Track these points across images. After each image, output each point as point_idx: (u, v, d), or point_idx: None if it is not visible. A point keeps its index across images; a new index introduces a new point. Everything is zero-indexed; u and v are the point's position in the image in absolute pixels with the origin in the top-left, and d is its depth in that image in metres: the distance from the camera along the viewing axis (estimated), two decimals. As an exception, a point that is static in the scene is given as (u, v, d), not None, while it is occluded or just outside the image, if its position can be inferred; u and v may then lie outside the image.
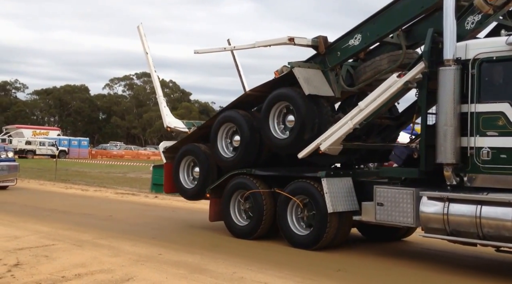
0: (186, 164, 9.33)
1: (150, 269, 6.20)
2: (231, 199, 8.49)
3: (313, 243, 7.46)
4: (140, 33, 10.50)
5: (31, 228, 8.96)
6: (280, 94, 7.89)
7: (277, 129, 7.96)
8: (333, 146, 7.37)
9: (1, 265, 6.22)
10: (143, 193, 16.62)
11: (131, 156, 56.30)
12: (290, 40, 7.82)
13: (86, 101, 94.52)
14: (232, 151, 8.64)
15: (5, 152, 16.05)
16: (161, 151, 9.85)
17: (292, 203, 7.74)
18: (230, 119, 8.59)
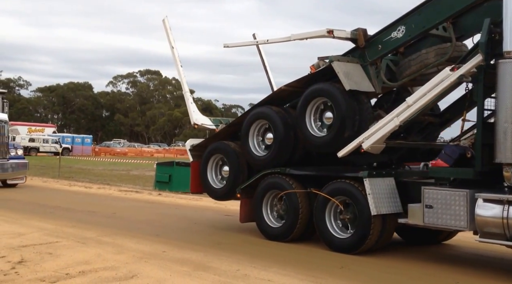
0: (214, 162, 9.00)
1: (154, 266, 6.20)
2: (263, 200, 8.16)
3: (355, 247, 7.08)
4: (165, 27, 10.15)
5: (35, 225, 8.98)
6: (318, 89, 7.52)
7: (314, 126, 7.60)
8: (376, 144, 7.00)
9: (5, 262, 6.24)
10: (146, 190, 16.67)
11: (135, 153, 56.43)
12: (329, 33, 7.44)
13: (90, 98, 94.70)
14: (264, 149, 8.31)
15: (15, 149, 15.93)
16: (188, 149, 9.54)
17: (330, 204, 7.36)
18: (262, 115, 8.24)
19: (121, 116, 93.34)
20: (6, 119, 15.55)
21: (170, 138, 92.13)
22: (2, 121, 15.23)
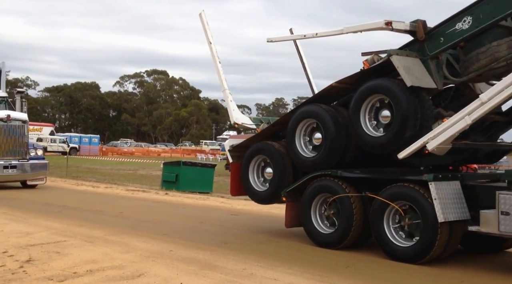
0: (256, 164, 8.53)
1: (161, 265, 6.23)
2: (312, 204, 7.63)
3: (420, 257, 6.53)
4: (202, 21, 9.72)
5: (43, 224, 9.04)
6: (375, 86, 6.97)
7: (368, 125, 7.06)
8: (443, 145, 6.45)
9: (14, 261, 6.28)
10: (153, 190, 16.74)
11: (142, 153, 56.71)
12: (387, 25, 6.90)
13: (97, 98, 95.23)
14: (312, 150, 7.78)
15: (35, 150, 15.78)
16: (227, 150, 9.10)
17: (389, 209, 6.80)
18: (311, 114, 7.71)
19: (128, 116, 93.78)
20: (26, 118, 15.46)
21: (177, 138, 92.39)
22: (21, 121, 15.24)
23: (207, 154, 51.11)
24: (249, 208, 12.55)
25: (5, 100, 16.63)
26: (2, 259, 6.37)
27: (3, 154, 14.74)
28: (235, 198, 15.23)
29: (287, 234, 8.73)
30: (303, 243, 7.94)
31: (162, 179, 17.65)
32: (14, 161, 14.86)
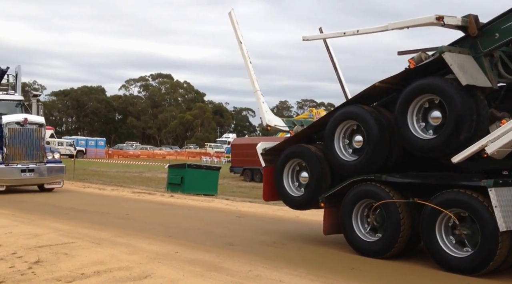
0: (291, 168, 8.18)
1: (167, 266, 6.29)
2: (353, 210, 7.23)
3: (478, 268, 6.10)
4: (232, 20, 9.39)
5: (51, 226, 9.13)
6: (425, 85, 6.53)
7: (417, 127, 6.63)
8: (504, 148, 6.03)
9: (22, 262, 6.37)
10: (159, 192, 16.81)
11: (147, 156, 56.88)
12: (439, 19, 6.47)
13: (103, 102, 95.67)
14: (351, 153, 7.42)
15: (52, 153, 15.74)
16: (259, 153, 8.73)
17: (442, 217, 6.37)
18: (352, 116, 7.32)
19: (133, 119, 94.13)
20: (43, 122, 15.46)
21: (182, 141, 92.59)
22: (38, 124, 15.21)
23: (212, 157, 51.19)
24: (254, 210, 12.62)
25: (21, 103, 16.63)
26: (11, 260, 6.46)
27: (21, 157, 14.77)
28: (241, 200, 15.34)
29: (292, 236, 8.79)
30: (308, 245, 8.00)
31: (168, 182, 17.73)
32: (31, 164, 14.87)
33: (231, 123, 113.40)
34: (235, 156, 28.13)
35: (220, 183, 18.80)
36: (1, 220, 9.67)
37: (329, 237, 8.67)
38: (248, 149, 27.25)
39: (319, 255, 7.37)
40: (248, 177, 26.38)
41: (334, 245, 8.01)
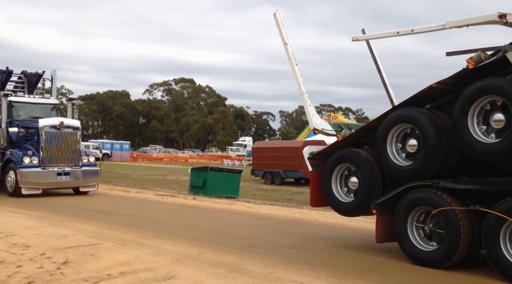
0: (339, 173, 7.96)
1: (191, 268, 6.41)
2: (408, 217, 6.91)
3: None
4: (276, 21, 9.17)
5: (78, 227, 9.38)
6: (487, 86, 6.20)
7: (477, 130, 6.35)
8: None
9: (51, 263, 6.58)
10: (182, 194, 17.02)
11: (170, 159, 57.38)
12: (501, 17, 6.21)
13: (127, 106, 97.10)
14: (405, 158, 7.12)
15: (87, 157, 15.89)
16: (306, 158, 8.48)
17: (507, 226, 6.04)
18: (406, 118, 7.03)
19: (156, 123, 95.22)
20: (79, 125, 15.66)
21: (204, 144, 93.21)
22: (74, 128, 15.39)
23: (233, 160, 51.43)
24: (275, 213, 12.70)
25: (56, 107, 16.89)
26: (40, 261, 6.69)
27: (57, 161, 14.94)
28: (261, 203, 15.44)
29: (312, 239, 8.84)
30: (328, 247, 8.05)
31: (190, 184, 17.93)
32: (67, 167, 15.04)
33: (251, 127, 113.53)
34: (256, 159, 28.27)
35: (241, 186, 18.92)
36: (31, 222, 9.98)
37: (348, 240, 8.73)
38: (269, 153, 27.39)
39: (339, 257, 7.42)
40: (269, 180, 26.48)
41: (354, 247, 8.06)
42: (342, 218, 11.73)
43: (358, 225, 10.68)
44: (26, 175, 14.39)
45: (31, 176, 14.48)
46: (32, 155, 14.67)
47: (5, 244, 7.80)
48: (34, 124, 15.36)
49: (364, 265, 6.89)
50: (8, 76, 17.01)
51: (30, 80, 17.63)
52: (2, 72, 16.78)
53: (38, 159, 14.67)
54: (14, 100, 15.88)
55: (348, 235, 9.46)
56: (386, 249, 7.96)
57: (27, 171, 14.41)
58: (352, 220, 11.16)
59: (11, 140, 15.34)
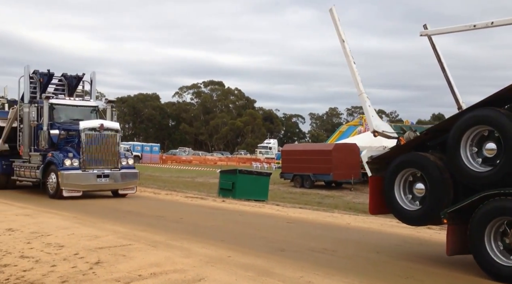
0: (403, 178, 7.37)
1: (220, 270, 6.41)
2: (485, 229, 6.33)
3: None
4: (333, 17, 8.75)
5: (110, 228, 9.52)
6: None
7: None
8: None
9: (84, 263, 6.70)
10: (211, 197, 17.09)
11: (199, 161, 57.85)
12: None
13: (157, 108, 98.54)
14: (481, 163, 6.57)
15: (126, 159, 15.83)
16: (365, 162, 7.99)
17: None
18: (484, 120, 6.47)
19: (186, 126, 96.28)
20: (118, 128, 15.73)
21: (233, 147, 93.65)
22: (114, 130, 15.43)
23: (262, 163, 51.42)
24: (305, 216, 12.59)
25: (96, 109, 17.00)
26: (74, 261, 6.82)
27: (97, 163, 14.99)
28: (291, 206, 15.34)
29: (343, 243, 8.71)
30: (360, 252, 7.90)
31: (219, 187, 17.99)
32: (106, 170, 15.08)
33: (281, 130, 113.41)
34: (286, 162, 28.15)
35: (270, 189, 18.87)
36: (64, 222, 10.20)
37: (381, 245, 8.56)
38: (299, 156, 27.24)
39: (371, 263, 7.27)
40: (298, 183, 26.30)
41: (387, 253, 7.90)
42: (374, 222, 11.60)
43: (392, 230, 10.47)
44: (67, 177, 14.51)
45: (72, 178, 14.59)
46: (73, 157, 14.75)
47: (40, 243, 7.98)
48: (74, 126, 15.49)
49: (399, 272, 6.72)
50: (49, 79, 17.20)
51: (70, 82, 17.86)
52: (44, 74, 16.98)
53: (79, 161, 14.75)
54: (55, 103, 16.08)
55: (381, 240, 9.28)
56: (422, 255, 7.78)
57: (68, 173, 14.53)
58: (386, 225, 10.97)
59: (52, 142, 15.45)
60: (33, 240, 8.27)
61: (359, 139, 29.39)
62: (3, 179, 17.37)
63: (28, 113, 15.87)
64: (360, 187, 25.87)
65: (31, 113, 15.73)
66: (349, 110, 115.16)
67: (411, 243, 9.06)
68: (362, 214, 14.27)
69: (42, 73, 16.94)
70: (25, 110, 16.03)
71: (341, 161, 25.00)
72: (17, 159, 16.81)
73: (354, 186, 25.28)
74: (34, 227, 9.50)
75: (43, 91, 16.83)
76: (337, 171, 24.96)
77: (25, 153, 16.13)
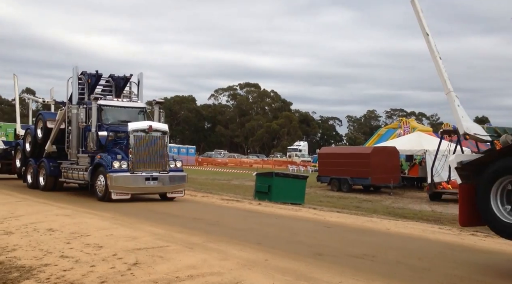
0: (501, 187, 6.68)
1: (258, 273, 6.32)
2: None
3: None
4: (415, 9, 8.28)
5: (147, 229, 9.59)
6: None
7: None
8: None
9: (122, 263, 6.76)
10: (247, 199, 17.04)
11: (234, 163, 58.11)
12: None
13: (193, 111, 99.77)
14: None
15: (174, 161, 15.42)
16: (454, 167, 7.38)
17: None
18: None
19: (221, 128, 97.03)
20: (167, 129, 15.27)
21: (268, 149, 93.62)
22: (162, 132, 15.04)
23: (298, 166, 51.13)
24: (343, 221, 12.35)
25: (143, 110, 16.61)
26: (112, 262, 6.89)
27: (145, 165, 14.63)
28: (328, 210, 15.11)
29: (384, 249, 8.46)
30: (401, 258, 7.64)
31: (255, 190, 17.93)
32: (155, 172, 14.68)
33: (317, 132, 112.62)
34: (323, 165, 27.84)
35: (307, 192, 18.68)
36: (103, 223, 10.36)
37: (423, 252, 8.27)
38: (336, 159, 26.86)
39: (413, 270, 7.00)
40: (336, 186, 25.93)
41: (429, 260, 7.60)
42: (416, 228, 11.25)
43: (434, 236, 10.12)
44: (116, 179, 14.22)
45: (121, 180, 14.31)
46: (122, 160, 14.46)
47: (80, 243, 8.12)
48: (123, 127, 15.29)
49: (442, 279, 6.44)
50: (97, 80, 17.02)
51: (118, 83, 17.68)
52: (92, 75, 16.83)
53: (127, 164, 14.43)
54: (103, 104, 15.90)
55: (423, 247, 8.96)
56: (466, 263, 7.46)
57: (117, 175, 14.23)
58: (428, 231, 10.63)
59: (100, 144, 15.27)
60: (72, 240, 8.43)
61: (399, 142, 28.78)
62: (51, 181, 17.35)
63: (76, 114, 15.82)
64: (400, 191, 25.29)
65: (79, 114, 15.65)
66: (388, 113, 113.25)
67: (455, 250, 8.71)
68: (402, 219, 13.89)
69: (90, 74, 16.82)
70: (73, 112, 15.97)
71: (380, 165, 24.52)
72: (64, 161, 16.75)
73: (393, 190, 24.71)
74: (73, 227, 9.69)
75: (91, 92, 16.70)
76: (375, 175, 24.46)
77: (73, 154, 16.06)
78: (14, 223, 10.35)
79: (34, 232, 9.25)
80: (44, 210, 12.21)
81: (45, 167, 17.42)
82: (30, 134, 19.09)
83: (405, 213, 16.34)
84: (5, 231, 9.46)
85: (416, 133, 31.53)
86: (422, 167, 27.40)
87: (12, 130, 33.46)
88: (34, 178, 18.17)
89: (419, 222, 13.11)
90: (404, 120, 39.40)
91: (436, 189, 21.53)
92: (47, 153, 17.59)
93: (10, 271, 6.61)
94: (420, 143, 27.22)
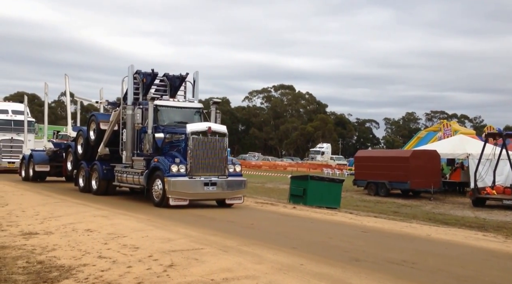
0: None
1: (293, 278, 6.22)
2: None
3: None
4: None
5: (182, 232, 9.62)
6: None
7: None
8: None
9: (158, 265, 6.79)
10: (281, 203, 16.92)
11: (268, 166, 58.00)
12: None
13: (227, 113, 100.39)
14: None
15: (233, 165, 14.45)
16: None
17: None
18: None
19: (255, 130, 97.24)
20: (226, 131, 14.27)
21: (303, 152, 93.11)
22: (221, 134, 14.09)
23: (333, 169, 50.57)
24: (380, 226, 12.06)
25: (200, 111, 15.54)
26: (148, 263, 6.93)
27: (203, 170, 13.74)
28: (365, 215, 14.80)
29: (424, 256, 8.18)
30: (442, 266, 7.36)
31: (290, 193, 17.77)
32: (213, 177, 13.78)
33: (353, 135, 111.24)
34: (359, 169, 27.33)
35: (343, 196, 18.40)
36: (138, 224, 10.46)
37: (465, 259, 7.97)
38: (373, 162, 26.33)
39: (455, 277, 6.73)
40: (373, 191, 25.37)
41: (472, 267, 7.29)
42: (458, 234, 10.86)
43: (477, 243, 9.74)
44: (174, 184, 13.30)
45: (179, 185, 13.39)
46: (180, 163, 13.53)
47: (117, 244, 8.22)
48: (180, 129, 14.25)
49: (487, 289, 6.15)
50: (152, 79, 15.81)
51: (173, 83, 16.39)
52: (147, 74, 15.58)
53: (185, 168, 13.51)
54: (160, 104, 14.83)
55: (465, 254, 8.63)
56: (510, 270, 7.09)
57: (175, 180, 13.32)
58: (471, 238, 10.23)
59: (157, 146, 14.26)
60: (110, 241, 8.54)
61: (440, 146, 27.95)
62: (103, 185, 16.45)
63: (132, 115, 14.88)
64: (441, 196, 24.54)
65: (135, 115, 14.63)
66: (428, 115, 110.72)
67: (500, 257, 8.35)
68: (443, 225, 13.45)
69: (145, 73, 15.56)
70: (128, 112, 15.02)
71: (419, 169, 23.74)
72: (118, 164, 15.85)
73: (434, 195, 23.99)
74: (110, 228, 9.83)
75: (146, 92, 15.69)
76: (415, 179, 23.73)
77: (127, 157, 15.11)
78: (54, 223, 10.60)
79: (73, 233, 9.43)
80: (82, 211, 12.46)
81: (98, 170, 16.54)
82: (82, 136, 18.09)
83: (446, 219, 15.81)
84: (45, 231, 9.70)
85: (458, 136, 30.55)
86: (464, 172, 26.53)
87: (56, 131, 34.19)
88: (86, 181, 17.33)
89: (462, 229, 12.64)
90: (446, 122, 38.28)
91: (480, 194, 20.74)
92: (100, 156, 16.79)
93: (50, 270, 6.74)
94: (463, 147, 26.34)
